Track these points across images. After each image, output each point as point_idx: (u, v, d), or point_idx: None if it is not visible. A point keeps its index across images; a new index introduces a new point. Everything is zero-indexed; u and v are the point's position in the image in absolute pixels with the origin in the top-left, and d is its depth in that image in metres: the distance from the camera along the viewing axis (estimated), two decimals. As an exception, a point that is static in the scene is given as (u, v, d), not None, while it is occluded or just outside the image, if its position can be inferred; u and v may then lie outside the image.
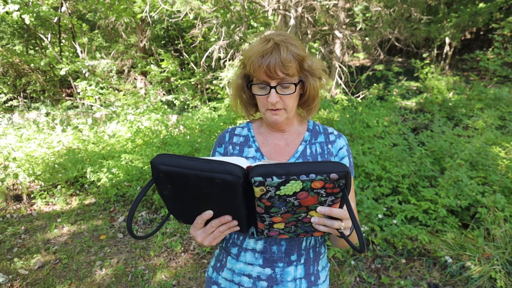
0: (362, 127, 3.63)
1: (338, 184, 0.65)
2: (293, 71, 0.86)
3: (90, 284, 2.48)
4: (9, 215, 3.64)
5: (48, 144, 4.72)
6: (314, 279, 0.99)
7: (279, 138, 1.00)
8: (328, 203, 0.70)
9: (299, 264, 0.96)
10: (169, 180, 0.69)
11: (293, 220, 0.75)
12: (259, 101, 0.92)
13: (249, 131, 1.02)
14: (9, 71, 10.41)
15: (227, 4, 7.16)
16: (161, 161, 0.67)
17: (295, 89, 0.88)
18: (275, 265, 0.95)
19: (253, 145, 0.99)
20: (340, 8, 6.79)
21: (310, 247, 0.98)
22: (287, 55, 0.83)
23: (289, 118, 0.95)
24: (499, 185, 2.76)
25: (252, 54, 0.85)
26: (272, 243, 0.94)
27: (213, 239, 0.78)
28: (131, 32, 10.49)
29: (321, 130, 1.03)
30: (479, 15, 7.24)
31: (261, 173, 0.65)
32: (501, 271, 2.22)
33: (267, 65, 0.83)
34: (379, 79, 8.17)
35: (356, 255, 2.62)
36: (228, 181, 0.66)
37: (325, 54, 7.79)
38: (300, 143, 0.99)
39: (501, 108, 4.55)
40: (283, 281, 0.95)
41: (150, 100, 6.74)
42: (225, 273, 1.00)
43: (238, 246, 0.98)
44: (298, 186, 0.65)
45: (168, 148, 3.98)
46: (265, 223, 0.76)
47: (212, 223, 0.76)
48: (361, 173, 3.09)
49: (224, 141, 1.02)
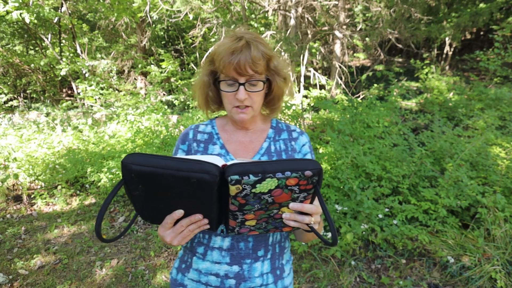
0: (362, 127, 3.63)
1: (311, 180, 0.67)
2: (262, 69, 0.88)
3: (90, 284, 2.48)
4: (9, 215, 3.64)
5: (48, 145, 4.72)
6: (279, 273, 1.00)
7: (243, 136, 1.01)
8: (300, 199, 0.72)
9: (266, 259, 0.97)
10: (142, 180, 0.67)
11: (265, 217, 0.76)
12: (226, 98, 0.92)
13: (213, 128, 1.03)
14: (9, 71, 10.42)
15: (227, 5, 7.16)
16: (133, 161, 0.65)
17: (263, 86, 0.90)
18: (243, 261, 0.95)
19: (217, 142, 0.99)
20: (340, 8, 6.79)
21: (276, 242, 0.99)
22: (257, 53, 0.85)
23: (254, 116, 0.97)
24: (499, 185, 2.76)
25: (223, 51, 0.86)
26: (239, 240, 0.95)
27: (183, 238, 0.77)
28: (131, 32, 10.50)
29: (284, 127, 1.05)
30: (479, 15, 7.24)
31: (238, 171, 0.65)
32: (501, 271, 2.22)
33: (237, 62, 0.84)
34: (379, 79, 8.18)
35: (357, 255, 2.62)
36: (205, 180, 0.66)
37: (325, 54, 7.79)
38: (264, 140, 1.01)
39: (502, 108, 4.55)
40: (251, 277, 0.95)
41: (150, 100, 6.74)
42: (191, 273, 0.99)
43: (204, 245, 0.97)
44: (273, 183, 0.66)
45: (169, 148, 3.98)
46: (237, 220, 0.77)
47: (182, 222, 0.75)
48: (361, 173, 3.08)
49: (187, 138, 1.01)
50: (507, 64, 6.79)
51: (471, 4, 8.64)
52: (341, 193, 2.99)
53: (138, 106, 6.19)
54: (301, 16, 6.96)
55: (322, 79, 6.87)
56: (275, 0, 6.36)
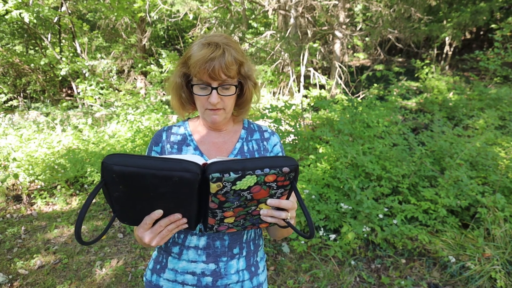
0: (362, 127, 3.63)
1: (289, 177, 0.70)
2: (234, 73, 0.89)
3: (90, 284, 2.48)
4: (9, 215, 3.64)
5: (48, 144, 4.72)
6: (254, 270, 1.03)
7: (216, 137, 1.02)
8: (278, 195, 0.74)
9: (241, 256, 1.00)
10: (123, 181, 0.66)
11: (243, 214, 0.77)
12: (199, 101, 0.93)
13: (186, 130, 1.03)
14: (9, 71, 10.42)
15: (227, 5, 7.16)
16: (114, 161, 0.64)
17: (235, 90, 0.92)
18: (219, 259, 0.97)
19: (191, 143, 1.00)
20: (340, 8, 6.78)
21: (250, 239, 1.02)
22: (231, 58, 0.87)
23: (226, 118, 0.98)
24: (499, 185, 2.75)
25: (198, 58, 0.86)
26: (215, 238, 0.96)
27: (161, 238, 0.77)
28: (131, 32, 10.50)
29: (256, 128, 1.08)
30: (480, 13, 7.23)
31: (219, 169, 0.66)
32: (501, 271, 2.22)
33: (212, 69, 0.85)
34: (379, 79, 8.17)
35: (357, 255, 2.62)
36: (186, 179, 0.66)
37: (325, 54, 7.79)
38: (237, 141, 1.02)
39: (502, 108, 4.55)
40: (227, 274, 0.97)
41: (150, 100, 6.74)
42: (167, 274, 1.00)
43: (179, 244, 0.98)
44: (252, 180, 0.68)
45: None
46: (217, 218, 0.77)
47: (160, 222, 0.75)
48: (361, 173, 3.08)
49: (161, 140, 1.02)
50: (507, 64, 6.78)
51: (471, 3, 8.63)
52: (341, 193, 3.00)
53: (138, 106, 6.19)
54: (301, 16, 6.96)
55: (322, 79, 6.87)
56: (275, 0, 6.36)
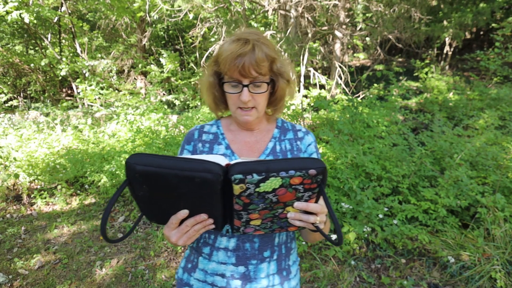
0: (362, 127, 3.63)
1: (316, 179, 0.67)
2: (265, 70, 0.87)
3: (90, 284, 2.48)
4: (9, 215, 3.64)
5: (48, 144, 4.72)
6: (286, 274, 1.00)
7: (248, 136, 1.00)
8: (305, 199, 0.71)
9: (272, 260, 0.97)
10: (146, 180, 0.66)
11: (270, 216, 0.75)
12: (230, 99, 0.92)
13: (218, 129, 1.02)
14: (9, 71, 10.42)
15: (227, 4, 7.16)
16: (137, 161, 0.65)
17: (267, 88, 0.90)
18: (248, 262, 0.94)
19: (223, 142, 0.99)
20: (340, 8, 6.78)
21: (282, 242, 0.99)
22: (262, 55, 0.85)
23: (259, 117, 0.96)
24: (499, 185, 2.75)
25: (228, 53, 0.85)
26: (245, 240, 0.94)
27: (188, 238, 0.77)
28: (131, 32, 10.50)
29: (290, 127, 1.05)
30: (481, 14, 7.23)
31: (241, 170, 0.64)
32: (501, 271, 2.22)
33: (242, 65, 0.83)
34: (379, 79, 8.17)
35: (356, 255, 2.62)
36: (207, 180, 0.65)
37: (325, 54, 7.79)
38: (270, 140, 1.00)
39: (502, 108, 4.55)
40: (257, 278, 0.95)
41: (150, 100, 6.74)
42: (197, 274, 0.99)
43: (210, 245, 0.97)
44: (277, 182, 0.66)
45: (169, 148, 3.98)
46: (242, 220, 0.76)
47: (187, 222, 0.75)
48: (361, 173, 3.08)
49: (193, 139, 1.01)
50: (508, 64, 6.78)
51: (471, 3, 8.63)
52: (341, 193, 2.99)
53: (138, 106, 6.19)
54: (301, 16, 6.96)
55: (322, 79, 6.87)
56: (275, 0, 6.36)
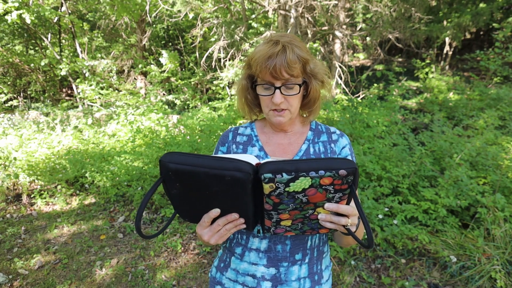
0: (362, 127, 3.63)
1: (347, 180, 0.66)
2: (298, 72, 0.87)
3: (90, 284, 2.48)
4: (9, 215, 3.64)
5: (48, 144, 4.72)
6: (317, 278, 0.99)
7: (282, 138, 1.01)
8: (336, 200, 0.70)
9: (304, 263, 0.96)
10: (178, 178, 0.68)
11: (300, 217, 0.75)
12: (263, 102, 0.93)
13: (252, 131, 1.03)
14: (9, 71, 10.42)
15: (227, 4, 7.16)
16: (170, 159, 0.67)
17: (299, 90, 0.89)
18: (280, 264, 0.94)
19: (256, 144, 1.00)
20: (340, 8, 6.78)
21: (314, 246, 0.98)
22: (293, 56, 0.84)
23: (292, 119, 0.96)
24: (499, 185, 2.75)
25: (259, 55, 0.85)
26: (277, 242, 0.94)
27: (220, 237, 0.78)
28: (131, 32, 10.50)
29: (324, 129, 1.04)
30: (480, 15, 7.23)
31: (271, 169, 0.64)
32: (501, 271, 2.22)
33: (273, 67, 0.83)
34: (379, 79, 8.17)
35: (357, 255, 2.62)
36: (238, 178, 0.66)
37: (325, 54, 7.78)
38: (303, 142, 1.00)
39: (502, 108, 4.55)
40: (288, 281, 0.95)
41: (151, 100, 6.74)
42: (229, 273, 1.00)
43: (242, 245, 0.98)
44: (307, 182, 0.65)
45: (169, 148, 3.98)
46: (273, 220, 0.76)
47: (219, 221, 0.76)
48: (361, 173, 3.08)
49: (227, 140, 1.02)
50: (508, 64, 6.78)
51: (471, 3, 8.63)
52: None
53: (138, 106, 6.19)
54: (301, 16, 6.96)
55: (322, 79, 6.86)
56: (275, 0, 6.36)
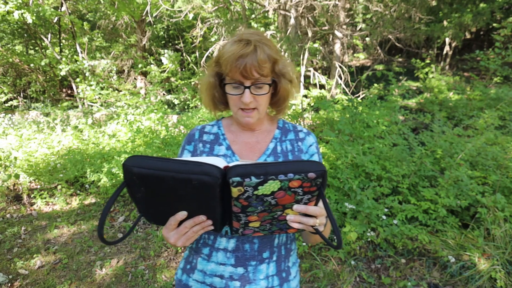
0: (362, 127, 3.63)
1: (315, 183, 0.66)
2: (267, 72, 0.87)
3: (90, 284, 2.48)
4: (9, 215, 3.64)
5: (48, 144, 4.72)
6: (285, 275, 0.99)
7: (249, 136, 1.00)
8: (304, 201, 0.70)
9: (271, 261, 0.96)
10: (143, 182, 0.66)
11: (269, 219, 0.75)
12: (232, 101, 0.92)
13: (219, 129, 1.02)
14: (9, 71, 10.42)
15: (227, 4, 7.16)
16: (134, 163, 0.65)
17: (268, 89, 0.89)
18: (248, 263, 0.94)
19: (223, 143, 0.99)
20: (340, 8, 6.78)
21: (282, 244, 0.98)
22: (263, 56, 0.84)
23: (260, 118, 0.96)
24: (499, 185, 2.75)
25: (230, 55, 0.85)
26: (245, 241, 0.94)
27: (187, 239, 0.77)
28: (131, 32, 10.50)
29: (291, 128, 1.04)
30: (481, 15, 7.23)
31: (239, 173, 0.64)
32: (501, 271, 2.22)
33: (243, 67, 0.83)
34: (379, 79, 8.17)
35: (357, 255, 2.62)
36: (205, 182, 0.65)
37: (325, 54, 7.78)
38: (271, 141, 1.00)
39: (502, 108, 4.55)
40: (256, 280, 0.94)
41: (150, 100, 6.74)
42: (196, 275, 0.98)
43: (209, 246, 0.97)
44: (276, 185, 0.65)
45: (169, 148, 3.98)
46: (241, 222, 0.76)
47: (186, 223, 0.74)
48: (361, 173, 3.08)
49: (194, 139, 1.01)
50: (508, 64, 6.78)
51: (471, 3, 8.62)
52: (341, 193, 2.99)
53: (138, 106, 6.19)
54: (301, 16, 6.96)
55: (322, 79, 6.87)
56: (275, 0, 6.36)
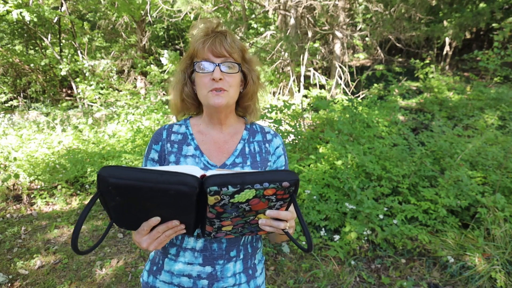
0: (362, 127, 3.63)
1: (288, 190, 0.70)
2: (236, 56, 0.91)
3: (90, 284, 2.48)
4: (9, 215, 3.64)
5: (48, 144, 4.72)
6: (252, 272, 1.02)
7: (218, 134, 1.00)
8: (277, 207, 0.75)
9: (238, 259, 0.98)
10: (119, 192, 0.66)
11: (241, 223, 0.78)
12: (201, 83, 0.90)
13: (187, 129, 1.01)
14: (9, 71, 10.42)
15: (227, 4, 7.16)
16: (110, 173, 0.64)
17: (238, 69, 0.91)
18: (216, 262, 0.95)
19: (192, 143, 0.98)
20: (340, 8, 6.78)
21: (247, 242, 1.00)
22: (231, 41, 0.89)
23: (229, 106, 0.95)
24: (499, 185, 2.75)
25: (197, 34, 0.90)
26: (213, 241, 0.95)
27: (159, 243, 0.77)
28: (131, 32, 10.50)
29: (258, 129, 1.06)
30: (481, 14, 7.24)
31: (216, 182, 0.65)
32: (501, 271, 2.22)
33: (211, 42, 0.87)
34: (379, 79, 8.17)
35: (357, 255, 2.62)
36: (183, 192, 0.66)
37: (325, 54, 7.79)
38: (239, 142, 1.00)
39: (502, 108, 4.55)
40: (224, 277, 0.96)
41: (151, 100, 6.74)
42: (163, 276, 0.98)
43: (177, 246, 0.97)
44: (251, 194, 0.68)
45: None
46: (214, 226, 0.78)
47: (158, 228, 0.75)
48: (361, 173, 3.08)
49: (161, 139, 0.99)
50: (507, 64, 6.78)
51: (471, 3, 8.63)
52: (341, 193, 3.00)
53: (139, 106, 6.19)
54: (301, 16, 6.96)
55: (322, 79, 6.88)
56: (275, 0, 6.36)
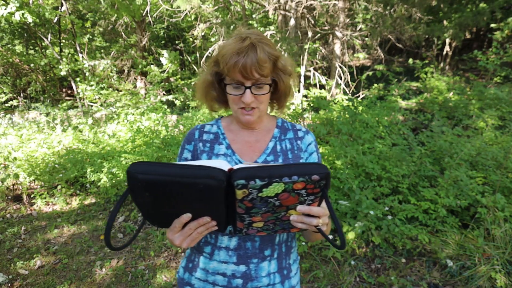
0: (362, 127, 3.63)
1: (319, 184, 0.67)
2: (268, 71, 0.87)
3: (90, 284, 2.48)
4: (9, 215, 3.64)
5: (48, 144, 4.72)
6: (286, 273, 1.01)
7: (249, 135, 1.01)
8: (308, 202, 0.72)
9: (273, 259, 0.97)
10: (148, 188, 0.67)
11: (272, 219, 0.76)
12: (232, 100, 0.92)
13: (219, 128, 1.02)
14: (9, 71, 10.42)
15: (227, 4, 7.16)
16: (138, 170, 0.65)
17: (269, 89, 0.90)
18: (249, 261, 0.95)
19: (223, 142, 0.99)
20: (340, 9, 6.79)
21: (282, 241, 0.99)
22: (264, 55, 0.84)
23: (260, 117, 0.96)
24: (499, 185, 2.75)
25: (227, 52, 0.84)
26: (246, 239, 0.95)
27: (192, 240, 0.77)
28: (131, 32, 10.50)
29: (290, 126, 1.05)
30: (481, 14, 7.24)
31: (244, 176, 0.65)
32: (501, 271, 2.22)
33: (243, 65, 0.82)
34: (379, 79, 8.17)
35: (356, 255, 2.62)
36: (211, 186, 0.66)
37: (325, 54, 7.79)
38: (270, 140, 1.00)
39: (501, 108, 4.55)
40: (258, 277, 0.95)
41: (150, 100, 6.74)
42: (199, 273, 0.99)
43: (211, 244, 0.97)
44: (280, 187, 0.66)
45: (169, 148, 3.98)
46: (245, 222, 0.77)
47: (190, 225, 0.75)
48: (361, 173, 3.08)
49: (193, 138, 1.01)
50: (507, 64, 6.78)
51: (471, 3, 8.63)
52: (341, 193, 3.00)
53: (138, 106, 6.19)
54: (301, 16, 6.96)
55: (322, 79, 6.87)
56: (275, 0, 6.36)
